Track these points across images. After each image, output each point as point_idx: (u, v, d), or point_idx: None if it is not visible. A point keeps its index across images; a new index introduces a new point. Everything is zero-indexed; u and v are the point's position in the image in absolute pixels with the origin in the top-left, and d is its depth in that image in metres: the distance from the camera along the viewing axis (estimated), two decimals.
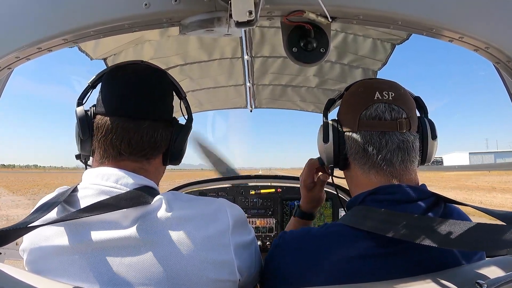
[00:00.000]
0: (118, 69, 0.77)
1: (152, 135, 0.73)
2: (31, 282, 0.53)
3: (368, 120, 0.74)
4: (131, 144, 0.71)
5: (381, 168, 0.73)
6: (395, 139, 0.73)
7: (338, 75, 1.93)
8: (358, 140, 0.75)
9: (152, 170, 0.76)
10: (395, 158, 0.73)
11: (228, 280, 0.66)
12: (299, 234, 0.73)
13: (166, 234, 0.61)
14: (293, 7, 0.65)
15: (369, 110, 0.74)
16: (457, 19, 0.65)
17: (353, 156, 0.78)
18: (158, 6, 0.64)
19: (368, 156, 0.74)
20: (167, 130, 0.77)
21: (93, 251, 0.61)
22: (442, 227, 0.58)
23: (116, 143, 0.71)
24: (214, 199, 0.72)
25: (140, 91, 0.74)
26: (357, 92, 0.80)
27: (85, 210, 0.60)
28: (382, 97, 0.74)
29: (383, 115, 0.73)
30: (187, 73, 1.92)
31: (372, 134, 0.74)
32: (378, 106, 0.74)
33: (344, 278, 0.62)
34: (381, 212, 0.66)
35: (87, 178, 0.70)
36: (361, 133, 0.75)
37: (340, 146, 0.79)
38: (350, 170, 0.81)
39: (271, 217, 2.16)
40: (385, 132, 0.73)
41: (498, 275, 0.55)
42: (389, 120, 0.73)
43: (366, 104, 0.75)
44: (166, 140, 0.77)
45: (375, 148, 0.73)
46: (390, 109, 0.73)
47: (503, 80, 0.82)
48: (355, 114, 0.76)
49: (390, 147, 0.73)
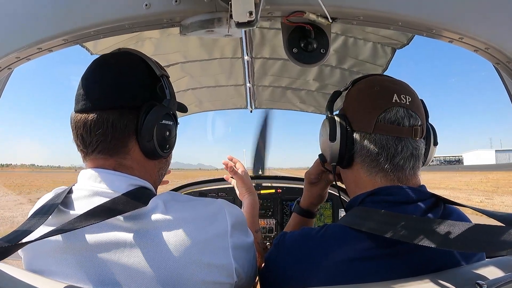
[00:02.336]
0: (92, 61, 0.72)
1: (101, 127, 0.65)
2: (31, 282, 0.53)
3: (387, 124, 0.71)
4: (84, 141, 0.66)
5: (391, 173, 0.72)
6: (409, 146, 0.72)
7: (338, 80, 1.93)
8: (373, 143, 0.73)
9: (135, 167, 0.69)
10: (406, 165, 0.72)
11: (224, 282, 0.65)
12: (299, 234, 0.73)
13: (161, 236, 0.60)
14: (294, 7, 0.65)
15: (388, 113, 0.71)
16: (457, 20, 0.65)
17: (362, 158, 0.75)
18: (158, 6, 0.64)
19: (379, 161, 0.72)
20: (126, 118, 0.66)
21: (87, 251, 0.60)
22: (441, 228, 0.58)
23: (76, 141, 0.68)
24: (213, 200, 0.71)
25: (91, 82, 0.69)
26: (372, 91, 0.76)
27: (82, 218, 0.58)
28: (400, 100, 0.72)
29: (402, 121, 0.71)
30: (188, 71, 1.92)
31: (388, 139, 0.72)
32: (397, 110, 0.72)
33: (343, 279, 0.62)
34: (381, 214, 0.66)
35: (81, 179, 0.69)
36: (376, 136, 0.72)
37: (348, 146, 0.76)
38: (352, 170, 0.79)
39: (271, 217, 2.16)
40: (401, 138, 0.72)
41: (498, 276, 0.55)
42: (407, 127, 0.71)
43: (385, 106, 0.72)
44: (126, 129, 0.67)
45: (390, 154, 0.71)
46: (409, 115, 0.72)
47: (503, 81, 0.82)
48: (372, 114, 0.73)
49: (404, 154, 0.71)
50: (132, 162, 0.69)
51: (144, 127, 0.67)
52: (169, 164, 0.81)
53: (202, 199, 0.70)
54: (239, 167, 1.22)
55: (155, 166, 0.75)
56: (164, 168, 0.79)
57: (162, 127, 0.69)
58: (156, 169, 0.76)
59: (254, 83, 2.12)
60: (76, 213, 0.62)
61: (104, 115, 0.65)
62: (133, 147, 0.69)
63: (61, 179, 36.59)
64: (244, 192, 1.21)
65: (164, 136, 0.70)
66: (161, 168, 0.78)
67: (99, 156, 0.68)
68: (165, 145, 0.71)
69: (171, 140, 0.73)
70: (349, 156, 0.77)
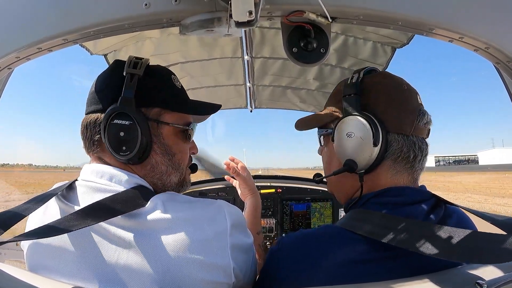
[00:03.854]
0: None
1: (84, 129, 0.73)
2: (31, 282, 0.53)
3: (423, 127, 0.73)
4: (83, 141, 0.74)
5: (415, 173, 0.74)
6: (425, 146, 0.74)
7: (338, 79, 1.92)
8: (412, 145, 0.71)
9: (137, 169, 0.72)
10: (423, 164, 0.75)
11: (222, 282, 0.65)
12: (297, 235, 0.73)
13: (160, 236, 0.60)
14: (293, 7, 0.65)
15: (424, 115, 0.73)
16: (457, 19, 0.65)
17: (393, 161, 0.71)
18: (158, 6, 0.64)
19: (411, 162, 0.72)
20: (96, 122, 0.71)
21: (87, 249, 0.61)
22: (440, 234, 0.57)
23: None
24: (212, 201, 0.71)
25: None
26: (401, 89, 0.74)
27: (82, 216, 0.58)
28: (420, 101, 0.76)
29: (430, 122, 0.75)
30: (188, 71, 1.92)
31: (422, 141, 0.73)
32: (425, 112, 0.74)
33: (343, 281, 0.62)
34: (380, 216, 0.66)
35: (83, 173, 0.71)
36: (414, 138, 0.72)
37: (385, 148, 0.71)
38: (371, 173, 0.73)
39: (271, 217, 2.16)
40: (423, 139, 0.74)
41: (498, 275, 0.55)
42: (429, 128, 0.75)
43: (418, 108, 0.73)
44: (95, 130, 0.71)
45: (421, 155, 0.73)
46: (429, 117, 0.75)
47: (503, 81, 0.82)
48: (410, 116, 0.72)
49: (424, 154, 0.74)
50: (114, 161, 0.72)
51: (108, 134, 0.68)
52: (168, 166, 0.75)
53: (201, 200, 0.70)
54: (241, 167, 1.21)
55: (142, 169, 0.72)
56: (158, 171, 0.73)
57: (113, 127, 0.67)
58: (145, 171, 0.72)
59: (254, 83, 2.11)
60: (77, 207, 0.63)
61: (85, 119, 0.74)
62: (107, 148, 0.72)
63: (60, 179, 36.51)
64: (247, 193, 1.20)
65: (117, 136, 0.67)
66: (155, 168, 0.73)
67: (92, 154, 0.73)
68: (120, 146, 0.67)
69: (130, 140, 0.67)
70: (380, 160, 0.71)
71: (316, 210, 2.14)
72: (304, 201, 2.15)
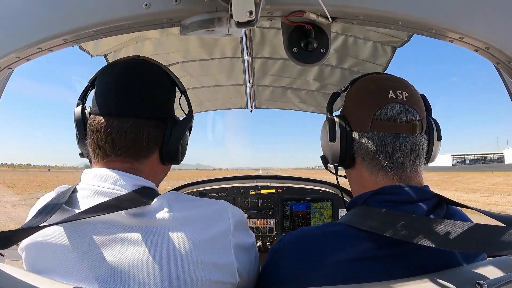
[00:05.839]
0: (111, 65, 0.76)
1: (137, 134, 0.69)
2: (31, 282, 0.53)
3: (383, 121, 0.71)
4: (115, 144, 0.68)
5: (392, 171, 0.71)
6: (408, 142, 0.71)
7: (338, 80, 1.92)
8: (370, 141, 0.73)
9: (146, 170, 0.73)
10: (406, 161, 0.71)
11: (227, 282, 0.66)
12: (298, 233, 0.73)
13: (166, 235, 0.61)
14: (294, 7, 0.65)
15: (384, 110, 0.71)
16: (458, 19, 0.65)
17: (362, 157, 0.75)
18: (158, 6, 0.64)
19: (378, 159, 0.72)
20: (158, 127, 0.73)
21: (91, 250, 0.60)
22: (441, 227, 0.58)
23: (101, 143, 0.69)
24: (215, 201, 0.72)
25: (123, 88, 0.70)
26: (368, 89, 0.76)
27: (88, 212, 0.60)
28: (396, 96, 0.72)
29: (398, 117, 0.71)
30: (188, 70, 1.92)
31: (386, 136, 0.71)
32: (393, 106, 0.71)
33: (344, 280, 0.62)
34: (382, 213, 0.66)
35: (85, 178, 0.69)
36: (373, 134, 0.72)
37: (348, 145, 0.76)
38: (355, 169, 0.78)
39: (271, 217, 2.16)
40: (399, 135, 0.71)
41: (498, 275, 0.55)
42: (404, 123, 0.71)
43: (380, 104, 0.72)
44: (157, 138, 0.72)
45: (388, 151, 0.71)
46: (406, 110, 0.71)
47: (504, 81, 0.82)
48: (368, 113, 0.73)
49: (403, 151, 0.71)
50: (146, 166, 0.73)
51: (171, 142, 0.74)
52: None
53: (205, 200, 0.71)
54: None
55: (164, 170, 0.81)
56: (167, 171, 0.83)
57: (185, 139, 0.78)
58: (164, 172, 0.81)
59: (254, 83, 2.11)
60: (77, 210, 0.63)
61: (140, 122, 0.70)
62: (155, 154, 0.74)
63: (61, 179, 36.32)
64: None
65: (184, 146, 0.79)
66: (167, 171, 0.83)
67: (119, 159, 0.70)
68: (180, 155, 0.77)
69: (186, 148, 0.82)
70: (350, 156, 0.77)
71: (316, 210, 2.14)
72: (304, 201, 2.15)
